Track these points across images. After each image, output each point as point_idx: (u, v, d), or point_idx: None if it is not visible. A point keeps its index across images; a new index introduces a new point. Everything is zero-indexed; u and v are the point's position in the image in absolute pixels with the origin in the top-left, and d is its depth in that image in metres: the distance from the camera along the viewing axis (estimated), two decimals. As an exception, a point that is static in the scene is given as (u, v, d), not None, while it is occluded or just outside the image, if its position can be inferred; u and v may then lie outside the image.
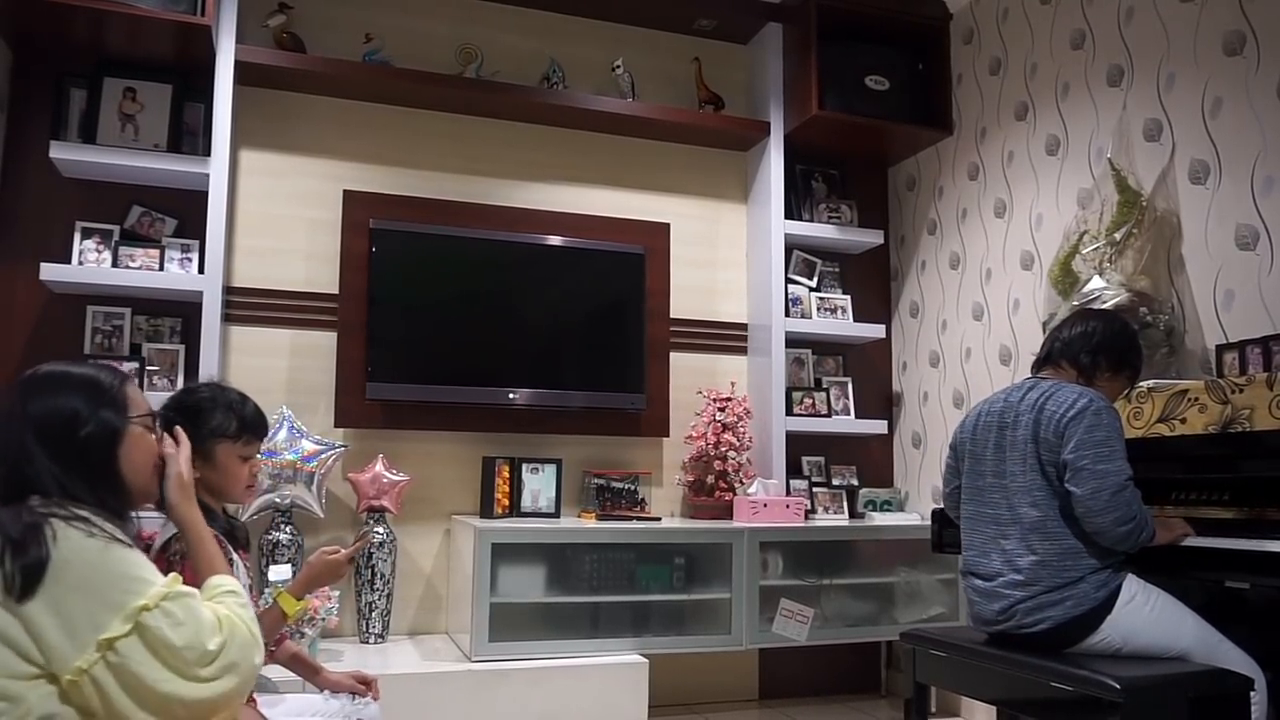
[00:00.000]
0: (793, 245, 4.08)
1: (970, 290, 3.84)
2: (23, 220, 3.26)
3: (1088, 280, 2.81)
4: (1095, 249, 2.86)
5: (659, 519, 3.64)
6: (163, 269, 3.30)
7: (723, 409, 3.81)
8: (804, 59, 3.86)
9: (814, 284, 4.16)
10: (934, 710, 2.88)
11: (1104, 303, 2.69)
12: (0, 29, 3.18)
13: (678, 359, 3.95)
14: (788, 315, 3.97)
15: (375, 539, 3.33)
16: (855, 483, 4.12)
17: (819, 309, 4.10)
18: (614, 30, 4.05)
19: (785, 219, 3.99)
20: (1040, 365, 2.39)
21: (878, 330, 4.13)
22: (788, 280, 4.02)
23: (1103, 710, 1.92)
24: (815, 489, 4.00)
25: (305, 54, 3.49)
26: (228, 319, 3.43)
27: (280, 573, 2.95)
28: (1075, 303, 2.77)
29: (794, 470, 4.02)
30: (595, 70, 3.95)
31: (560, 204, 3.88)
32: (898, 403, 4.26)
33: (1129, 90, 3.10)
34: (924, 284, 4.13)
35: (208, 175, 3.26)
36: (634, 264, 3.83)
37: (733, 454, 3.77)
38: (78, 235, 3.24)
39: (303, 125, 3.62)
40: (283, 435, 3.25)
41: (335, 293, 3.51)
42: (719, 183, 4.17)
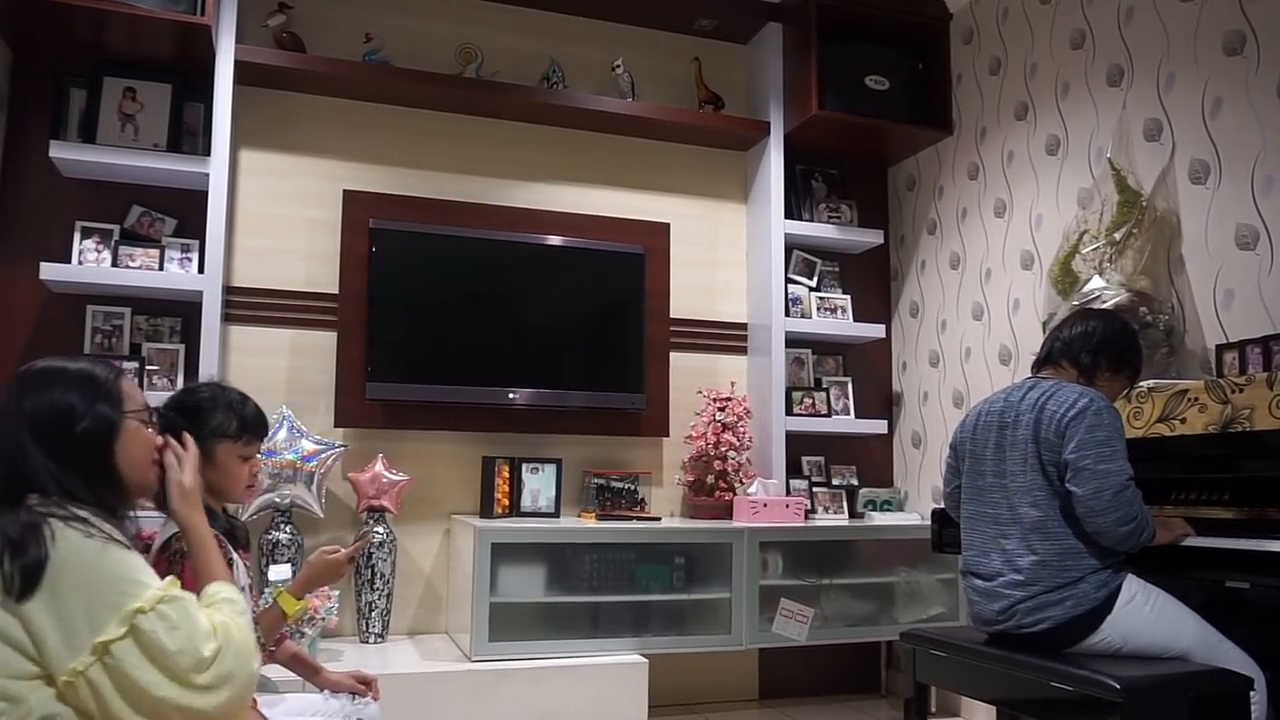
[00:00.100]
0: (793, 245, 4.08)
1: (970, 290, 3.83)
2: (23, 220, 3.26)
3: (1088, 280, 2.81)
4: (1095, 249, 2.85)
5: (659, 519, 3.64)
6: (163, 269, 3.30)
7: (723, 409, 3.81)
8: (804, 59, 3.86)
9: (814, 284, 4.16)
10: (934, 710, 2.88)
11: (1104, 302, 2.69)
12: (0, 29, 3.18)
13: (678, 359, 3.95)
14: (788, 315, 3.96)
15: (375, 539, 3.33)
16: (855, 483, 4.11)
17: (819, 309, 4.10)
18: (614, 30, 4.04)
19: (785, 219, 3.99)
20: (1040, 365, 2.39)
21: (878, 330, 4.13)
22: (788, 280, 4.02)
23: (1103, 710, 1.92)
24: (815, 489, 4.00)
25: (305, 54, 3.49)
26: (228, 319, 3.43)
27: (280, 572, 2.95)
28: (1075, 302, 2.77)
29: (794, 470, 4.02)
30: (595, 70, 3.95)
31: (560, 204, 3.88)
32: (897, 402, 4.26)
33: (1129, 90, 3.10)
34: (924, 284, 4.13)
35: (208, 175, 3.26)
36: (634, 264, 3.83)
37: (733, 454, 3.77)
38: (77, 235, 3.25)
39: (303, 125, 3.62)
40: (283, 435, 3.25)
41: (335, 293, 3.51)
42: (719, 182, 4.17)
